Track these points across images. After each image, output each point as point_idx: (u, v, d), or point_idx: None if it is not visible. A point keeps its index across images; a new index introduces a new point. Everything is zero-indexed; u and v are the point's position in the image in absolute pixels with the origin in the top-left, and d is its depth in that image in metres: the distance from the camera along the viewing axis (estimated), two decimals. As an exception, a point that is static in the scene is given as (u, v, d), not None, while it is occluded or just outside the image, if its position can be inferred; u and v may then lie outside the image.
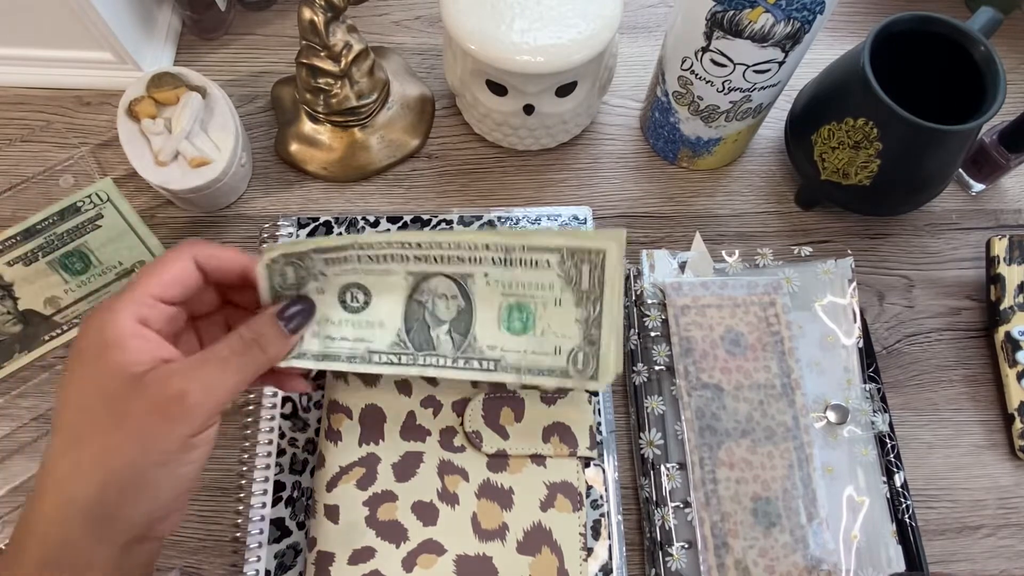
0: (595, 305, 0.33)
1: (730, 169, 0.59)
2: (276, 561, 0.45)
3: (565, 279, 0.33)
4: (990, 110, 0.45)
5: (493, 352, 0.35)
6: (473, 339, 0.35)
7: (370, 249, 0.34)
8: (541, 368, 0.34)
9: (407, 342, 0.35)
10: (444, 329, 0.35)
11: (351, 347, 0.35)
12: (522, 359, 0.34)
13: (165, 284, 0.32)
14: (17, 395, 0.49)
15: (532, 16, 0.48)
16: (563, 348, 0.34)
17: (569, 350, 0.34)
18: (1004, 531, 0.49)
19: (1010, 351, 0.51)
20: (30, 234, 0.51)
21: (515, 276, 0.34)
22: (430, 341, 0.35)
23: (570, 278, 0.33)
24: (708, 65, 0.47)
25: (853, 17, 0.65)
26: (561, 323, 0.34)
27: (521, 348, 0.35)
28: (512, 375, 0.34)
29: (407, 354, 0.35)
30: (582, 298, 0.33)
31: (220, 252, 0.34)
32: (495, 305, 0.35)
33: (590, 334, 0.34)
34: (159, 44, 0.59)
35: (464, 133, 0.59)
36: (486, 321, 0.35)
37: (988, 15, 0.48)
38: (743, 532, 0.44)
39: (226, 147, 0.50)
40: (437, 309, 0.35)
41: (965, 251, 0.57)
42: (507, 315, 0.35)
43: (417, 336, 0.35)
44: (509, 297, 0.34)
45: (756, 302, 0.50)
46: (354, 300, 0.35)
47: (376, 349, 0.35)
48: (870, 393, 0.49)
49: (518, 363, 0.34)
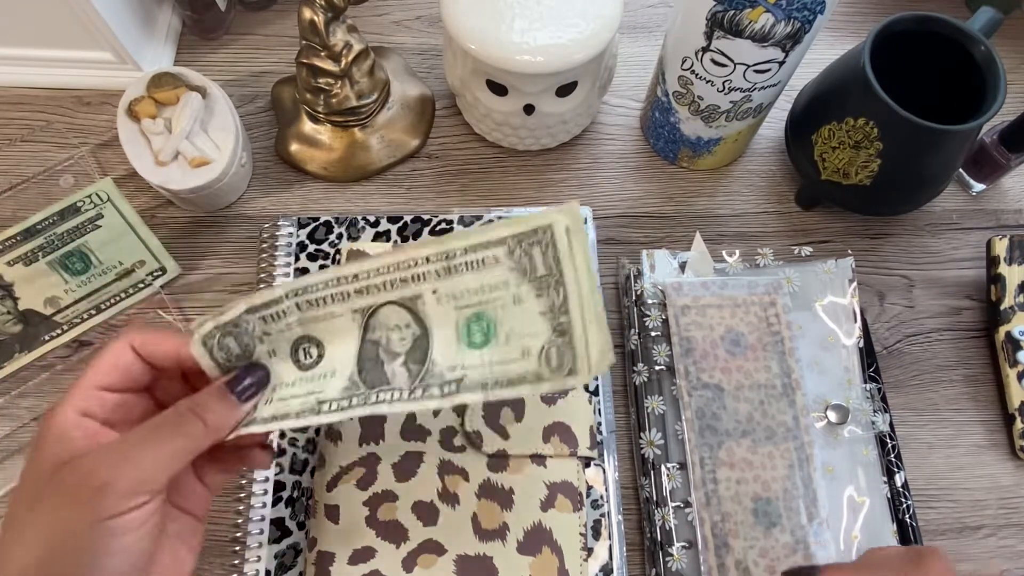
0: (557, 290, 0.29)
1: (730, 169, 0.59)
2: (276, 561, 0.45)
3: (519, 271, 0.30)
4: (990, 110, 0.44)
5: (453, 373, 0.30)
6: (432, 364, 0.31)
7: (305, 294, 0.31)
8: (510, 378, 0.30)
9: (359, 383, 0.31)
10: (399, 362, 0.31)
11: (301, 402, 0.31)
12: (487, 373, 0.30)
13: (102, 372, 0.31)
14: (17, 395, 0.49)
15: (532, 16, 0.48)
16: (532, 349, 0.30)
17: (539, 348, 0.29)
18: (1005, 531, 0.49)
19: (1010, 351, 0.51)
20: (30, 234, 0.51)
21: (465, 284, 0.30)
22: (383, 376, 0.31)
23: (523, 268, 0.29)
24: (708, 65, 0.47)
25: (853, 17, 0.65)
26: (525, 321, 0.30)
27: (485, 361, 0.30)
28: (476, 394, 0.30)
29: (358, 395, 0.31)
30: (541, 286, 0.29)
31: (154, 338, 0.32)
32: (451, 322, 0.31)
33: (559, 324, 0.29)
34: (159, 44, 0.59)
35: (464, 133, 0.59)
36: (444, 342, 0.31)
37: (988, 15, 0.48)
38: (743, 532, 0.44)
39: (226, 147, 0.50)
40: (391, 343, 0.32)
41: (965, 251, 0.57)
42: (466, 330, 0.31)
43: (370, 375, 0.31)
44: (464, 310, 0.31)
45: (756, 302, 0.50)
46: (307, 356, 0.32)
47: (325, 398, 0.31)
48: (870, 393, 0.49)
49: (483, 378, 0.30)
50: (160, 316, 0.51)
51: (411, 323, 0.31)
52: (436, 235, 0.53)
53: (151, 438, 0.29)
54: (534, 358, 0.30)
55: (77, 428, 0.30)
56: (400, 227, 0.53)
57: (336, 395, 0.31)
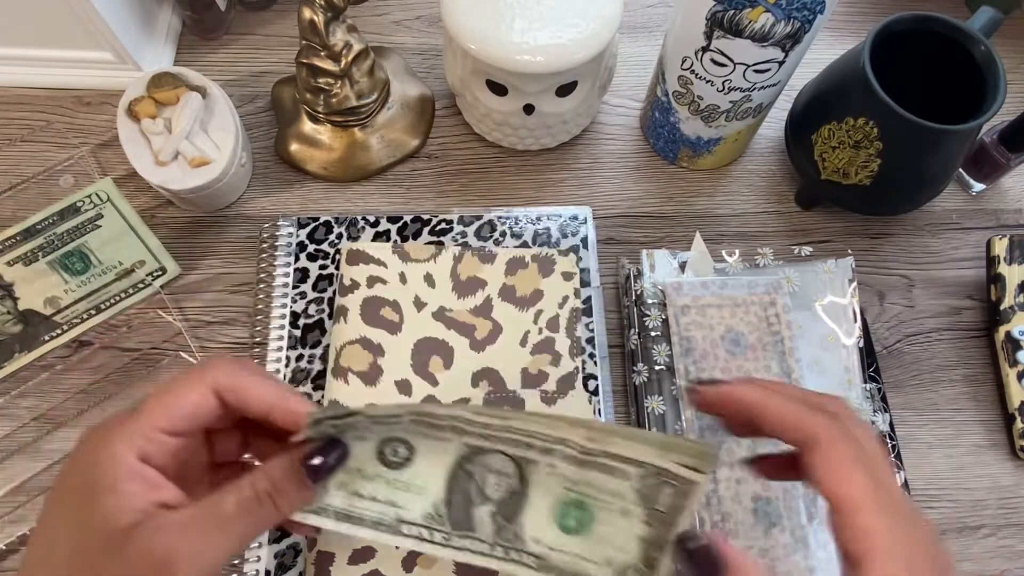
0: (666, 529, 0.29)
1: (730, 169, 0.59)
2: (276, 561, 0.44)
3: (640, 495, 0.29)
4: (990, 110, 0.44)
5: (538, 547, 0.30)
6: (519, 527, 0.30)
7: (428, 418, 0.29)
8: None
9: (443, 516, 0.30)
10: (488, 510, 0.30)
11: (379, 511, 0.30)
12: (569, 562, 0.30)
13: (176, 417, 0.28)
14: (17, 395, 0.49)
15: (532, 16, 0.48)
16: (615, 561, 0.29)
17: (622, 565, 0.29)
18: (1004, 531, 0.49)
19: (1010, 351, 0.51)
20: (30, 234, 0.51)
21: (584, 475, 0.30)
22: (470, 520, 0.30)
23: (646, 496, 0.29)
24: (708, 65, 0.47)
25: (853, 17, 0.65)
26: (622, 535, 0.30)
27: (570, 549, 0.30)
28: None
29: (441, 531, 0.30)
30: (653, 517, 0.29)
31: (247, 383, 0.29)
32: (552, 496, 0.30)
33: (651, 557, 0.29)
34: (159, 44, 0.59)
35: (464, 133, 0.59)
36: (538, 511, 0.30)
37: (988, 15, 0.48)
38: (743, 532, 0.44)
39: (226, 147, 0.50)
40: (486, 485, 0.30)
41: (965, 251, 0.57)
42: (562, 511, 0.30)
43: (456, 511, 0.30)
44: (571, 492, 0.30)
45: (756, 302, 0.50)
46: (394, 454, 0.30)
47: (407, 519, 0.30)
48: (870, 393, 0.49)
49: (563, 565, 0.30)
50: (160, 316, 0.51)
51: (513, 476, 0.30)
52: (436, 243, 0.53)
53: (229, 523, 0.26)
54: (612, 571, 0.29)
55: (134, 479, 0.26)
56: (400, 227, 0.53)
57: (418, 519, 0.30)
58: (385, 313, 0.49)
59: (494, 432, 0.29)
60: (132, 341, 0.51)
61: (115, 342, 0.51)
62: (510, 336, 0.49)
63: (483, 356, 0.48)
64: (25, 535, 0.45)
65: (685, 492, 0.28)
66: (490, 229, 0.53)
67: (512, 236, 0.52)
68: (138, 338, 0.51)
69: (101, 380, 0.49)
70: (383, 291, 0.49)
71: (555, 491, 0.30)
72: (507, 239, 0.52)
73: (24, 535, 0.45)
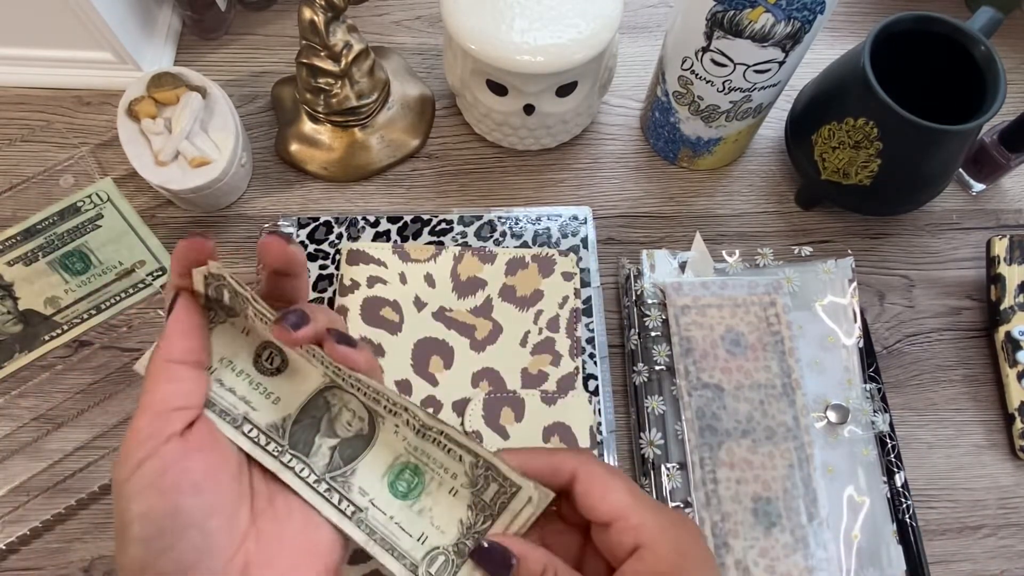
0: (484, 521, 0.29)
1: (730, 169, 0.59)
2: (276, 561, 0.44)
3: (471, 479, 0.30)
4: (990, 110, 0.45)
5: (361, 498, 0.30)
6: (352, 473, 0.30)
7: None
8: (395, 546, 0.29)
9: (285, 431, 0.30)
10: (330, 443, 0.30)
11: (231, 403, 0.30)
12: (385, 524, 0.30)
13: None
14: (17, 395, 0.49)
15: (532, 16, 0.48)
16: (429, 539, 0.30)
17: (433, 547, 0.29)
18: (1004, 531, 0.49)
19: (1010, 351, 0.51)
20: (30, 234, 0.51)
21: (423, 445, 0.30)
22: (308, 446, 0.30)
23: (475, 483, 0.30)
24: (708, 65, 0.47)
25: (853, 17, 0.65)
26: (445, 513, 0.30)
27: (391, 512, 0.30)
28: (363, 533, 0.29)
29: (277, 443, 0.30)
30: (479, 508, 0.30)
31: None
32: (393, 455, 0.31)
33: (463, 545, 0.29)
34: (159, 44, 0.59)
35: (464, 133, 0.59)
36: (375, 465, 0.30)
37: (988, 15, 0.48)
38: (743, 532, 0.44)
39: (226, 147, 0.50)
40: (338, 421, 0.31)
41: (965, 251, 0.57)
42: (397, 472, 0.31)
43: (300, 432, 0.30)
44: (410, 456, 0.31)
45: (756, 302, 0.50)
46: (269, 361, 0.31)
47: (252, 420, 0.30)
48: (870, 393, 0.49)
49: (377, 525, 0.30)
50: (160, 316, 0.51)
51: (365, 425, 0.31)
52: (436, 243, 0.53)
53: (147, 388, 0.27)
54: (423, 549, 0.29)
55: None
56: (400, 227, 0.53)
57: (262, 425, 0.30)
58: (385, 313, 0.49)
59: (345, 376, 0.30)
60: (132, 341, 0.51)
61: (115, 342, 0.51)
62: (510, 336, 0.49)
63: (483, 356, 0.48)
64: (26, 535, 0.45)
65: (512, 495, 0.29)
66: (490, 229, 0.53)
67: (512, 236, 0.52)
68: (138, 338, 0.51)
69: (101, 380, 0.49)
70: (383, 291, 0.49)
71: (397, 450, 0.31)
72: (507, 239, 0.52)
73: (24, 535, 0.45)
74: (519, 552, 0.28)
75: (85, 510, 0.46)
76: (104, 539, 0.46)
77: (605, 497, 0.29)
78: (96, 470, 0.47)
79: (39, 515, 0.46)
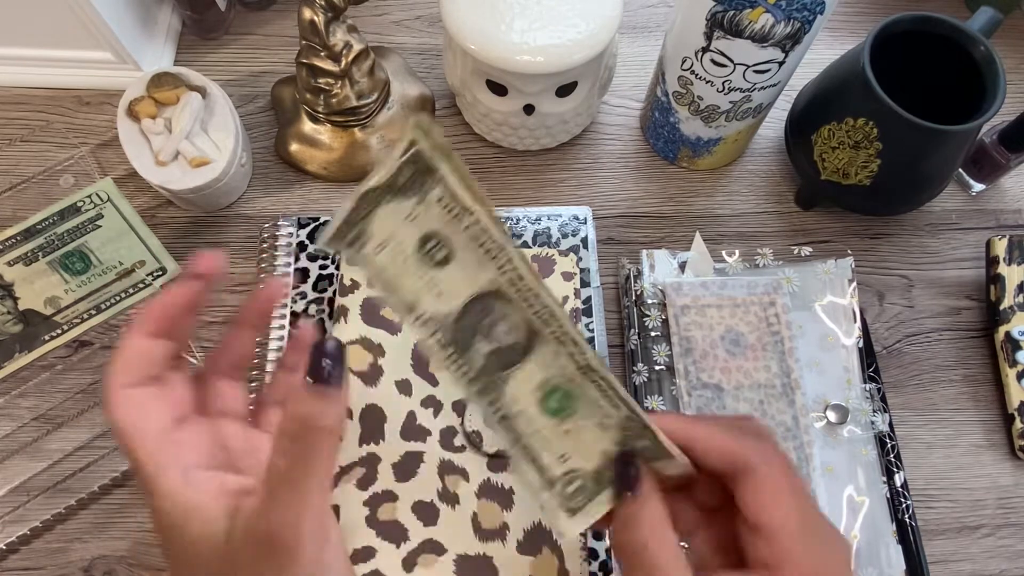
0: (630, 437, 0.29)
1: (730, 169, 0.59)
2: (276, 561, 0.44)
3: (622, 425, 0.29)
4: (990, 110, 0.45)
5: (514, 407, 0.29)
6: (506, 380, 0.29)
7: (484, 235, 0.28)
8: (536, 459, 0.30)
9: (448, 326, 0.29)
10: (488, 347, 0.29)
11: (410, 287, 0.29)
12: (529, 435, 0.30)
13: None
14: (17, 395, 0.49)
15: (532, 16, 0.48)
16: (570, 461, 0.29)
17: (572, 469, 0.29)
18: (1004, 531, 0.49)
19: (1010, 351, 0.51)
20: (30, 234, 0.51)
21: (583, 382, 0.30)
22: (468, 346, 0.29)
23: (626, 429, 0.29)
24: (708, 65, 0.47)
25: (853, 17, 0.65)
26: (590, 441, 0.30)
27: (538, 426, 0.30)
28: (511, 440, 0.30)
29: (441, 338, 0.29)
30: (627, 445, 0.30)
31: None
32: (548, 373, 0.30)
33: (604, 474, 0.29)
34: (159, 44, 0.59)
35: (464, 133, 0.59)
36: (530, 378, 0.29)
37: (988, 15, 0.48)
38: (743, 532, 0.44)
39: (226, 147, 0.50)
40: (496, 327, 0.29)
41: (965, 251, 0.57)
42: (551, 389, 0.30)
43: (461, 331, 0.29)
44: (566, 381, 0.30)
45: (756, 302, 0.50)
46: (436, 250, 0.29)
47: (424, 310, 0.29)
48: (870, 393, 0.49)
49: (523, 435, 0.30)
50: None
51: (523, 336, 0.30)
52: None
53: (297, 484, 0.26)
54: (562, 469, 0.29)
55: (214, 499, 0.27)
56: (400, 227, 0.53)
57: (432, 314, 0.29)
58: (385, 313, 0.49)
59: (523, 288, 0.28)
60: (132, 341, 0.51)
61: (115, 342, 0.51)
62: (510, 336, 0.49)
63: (483, 356, 0.48)
64: (26, 535, 0.45)
65: (659, 456, 0.29)
66: (490, 229, 0.53)
67: (512, 236, 0.52)
68: (138, 338, 0.51)
69: (101, 380, 0.49)
70: (383, 291, 0.49)
71: (552, 371, 0.30)
72: (507, 239, 0.52)
73: (24, 535, 0.45)
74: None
75: (85, 510, 0.47)
76: (104, 539, 0.46)
77: (769, 509, 0.27)
78: (96, 470, 0.47)
79: (39, 515, 0.46)
